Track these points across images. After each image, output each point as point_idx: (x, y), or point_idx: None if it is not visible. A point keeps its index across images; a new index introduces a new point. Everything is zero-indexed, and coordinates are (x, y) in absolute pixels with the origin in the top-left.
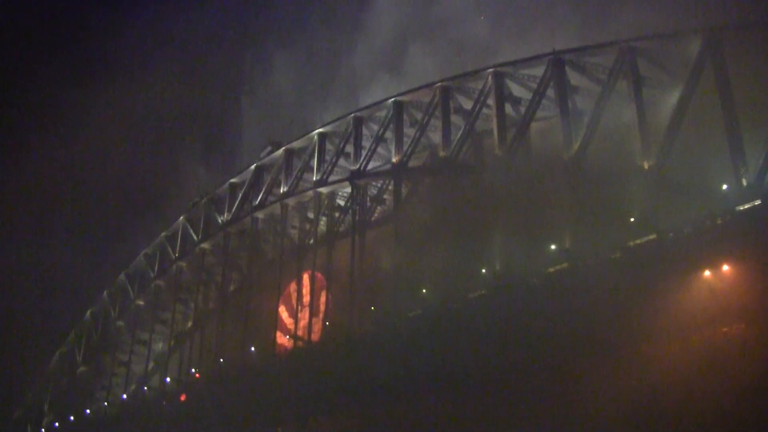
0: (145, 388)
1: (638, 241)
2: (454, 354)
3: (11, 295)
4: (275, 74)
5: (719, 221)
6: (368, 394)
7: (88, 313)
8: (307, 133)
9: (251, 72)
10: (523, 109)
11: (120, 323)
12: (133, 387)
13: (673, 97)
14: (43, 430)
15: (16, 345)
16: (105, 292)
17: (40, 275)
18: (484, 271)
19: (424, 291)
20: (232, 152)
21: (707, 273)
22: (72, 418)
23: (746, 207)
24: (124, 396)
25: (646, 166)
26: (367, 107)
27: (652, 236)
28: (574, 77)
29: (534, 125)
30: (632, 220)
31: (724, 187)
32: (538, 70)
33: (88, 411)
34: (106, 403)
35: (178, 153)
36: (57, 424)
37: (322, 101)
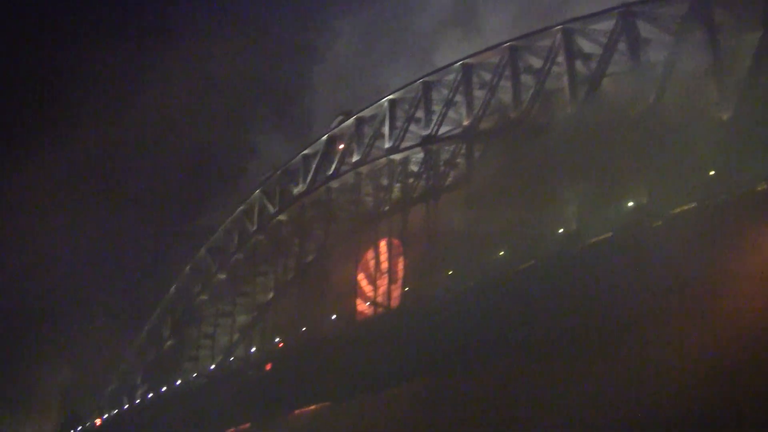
0: (231, 358)
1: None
2: (534, 317)
3: (100, 274)
4: (344, 40)
5: None
6: (449, 360)
7: (173, 288)
8: (377, 100)
9: (320, 39)
10: (593, 65)
11: (203, 297)
12: (219, 358)
13: (750, 45)
14: (137, 400)
15: (108, 322)
16: (187, 268)
17: (125, 255)
18: (561, 231)
19: (501, 253)
20: (305, 123)
21: None
22: (163, 388)
23: None
24: (212, 367)
25: (723, 118)
26: (435, 71)
27: (731, 191)
28: (645, 29)
29: (606, 81)
30: (712, 173)
31: None
32: (608, 24)
33: (178, 382)
34: (194, 374)
35: (251, 125)
36: (150, 394)
37: (393, 65)
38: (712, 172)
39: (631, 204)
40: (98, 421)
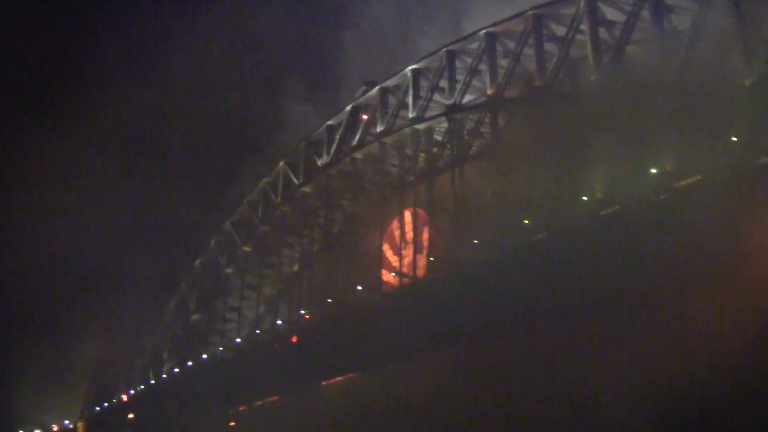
0: (258, 331)
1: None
2: (560, 284)
3: (129, 255)
4: (375, 6)
5: None
6: (475, 329)
7: (198, 262)
8: (401, 70)
9: (351, 5)
10: (618, 33)
11: (229, 270)
12: (246, 331)
13: None
14: (164, 375)
15: (135, 296)
16: (212, 241)
17: (153, 234)
18: (585, 198)
19: (525, 222)
20: (334, 91)
21: None
22: (190, 363)
23: None
24: (238, 340)
25: (747, 83)
26: (458, 40)
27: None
28: None
29: (630, 48)
30: (734, 139)
31: None
32: None
33: (204, 356)
34: (221, 348)
35: (279, 94)
36: (177, 369)
37: (423, 32)
38: (734, 138)
39: (656, 171)
40: (125, 397)
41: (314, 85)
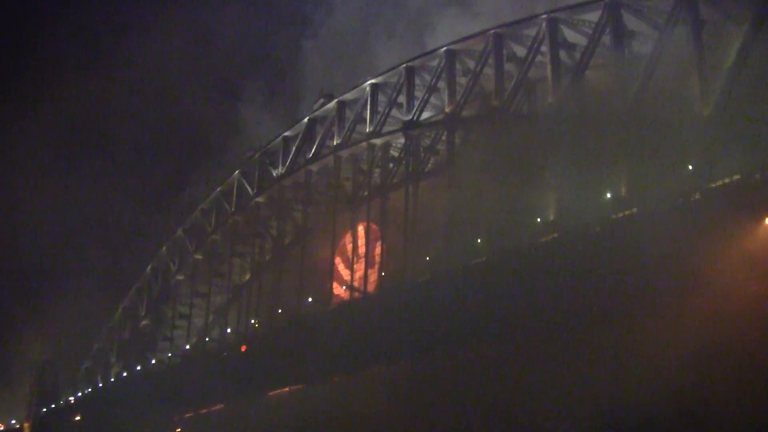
0: (207, 339)
1: (698, 189)
2: (509, 303)
3: (76, 253)
4: (339, 16)
5: None
6: (423, 344)
7: (149, 268)
8: (359, 84)
9: (316, 12)
10: (578, 56)
11: (179, 277)
12: (194, 338)
13: (735, 43)
14: (112, 379)
15: (84, 300)
16: (164, 247)
17: (100, 233)
18: (539, 220)
19: (478, 240)
20: (293, 100)
21: None
22: (138, 367)
23: None
24: (187, 347)
25: (705, 113)
26: (418, 57)
27: (711, 185)
28: (631, 22)
29: (589, 72)
30: (690, 167)
31: None
32: (594, 16)
33: (152, 361)
34: (169, 354)
35: (237, 99)
36: (124, 373)
37: (386, 44)
38: (690, 167)
39: (610, 195)
40: (72, 399)
41: (273, 94)
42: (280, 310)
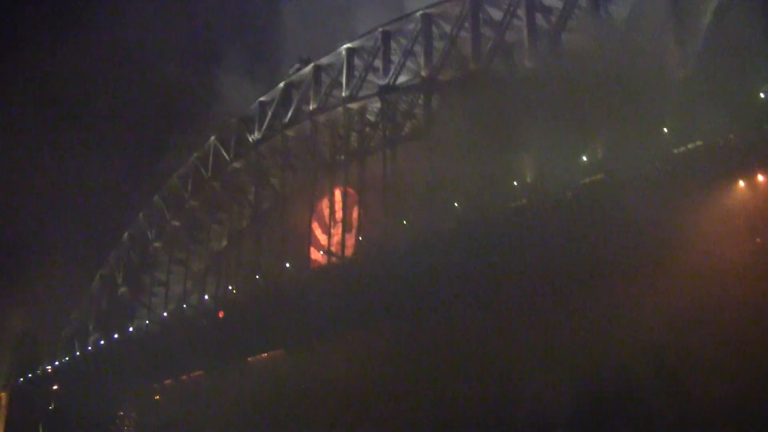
0: (185, 306)
1: (674, 151)
2: (487, 268)
3: (53, 220)
4: None
5: (753, 131)
6: (401, 309)
7: (126, 235)
8: (335, 48)
9: None
10: (554, 19)
11: (157, 244)
12: (172, 305)
13: (711, 4)
14: (89, 348)
15: (61, 267)
16: (141, 214)
17: (78, 199)
18: (515, 183)
19: (455, 204)
20: (272, 65)
21: (742, 183)
22: (116, 335)
23: None
24: (165, 314)
25: (681, 75)
26: (394, 21)
27: (687, 147)
28: None
29: (566, 36)
30: (665, 131)
31: (762, 95)
32: None
33: (131, 329)
34: (147, 322)
35: (215, 65)
36: (102, 341)
37: (366, 6)
38: (665, 129)
39: (586, 158)
40: (49, 368)
41: (252, 58)
42: (258, 276)
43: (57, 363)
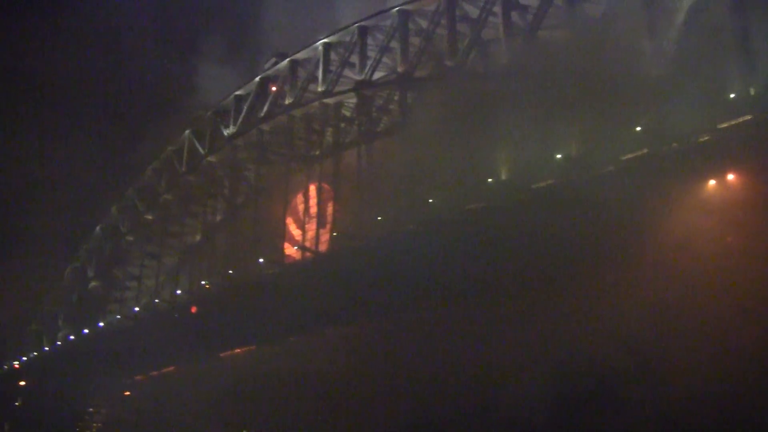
0: (157, 300)
1: (644, 151)
2: (461, 264)
3: (23, 212)
4: None
5: (723, 130)
6: (375, 305)
7: (98, 228)
8: (312, 43)
9: None
10: (530, 17)
11: (130, 238)
12: (144, 300)
13: (684, 5)
14: (59, 342)
15: (31, 260)
16: (114, 207)
17: (49, 191)
18: (490, 180)
19: (430, 201)
20: (251, 58)
21: (713, 183)
22: (86, 331)
23: (749, 118)
24: (136, 309)
25: (654, 74)
26: (371, 16)
27: (659, 146)
28: None
29: (542, 33)
30: (638, 129)
31: (732, 96)
32: None
33: (101, 324)
34: (118, 316)
35: (194, 56)
36: (72, 336)
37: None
38: (638, 128)
39: (560, 156)
40: (16, 364)
41: (230, 49)
42: (231, 271)
43: (24, 358)
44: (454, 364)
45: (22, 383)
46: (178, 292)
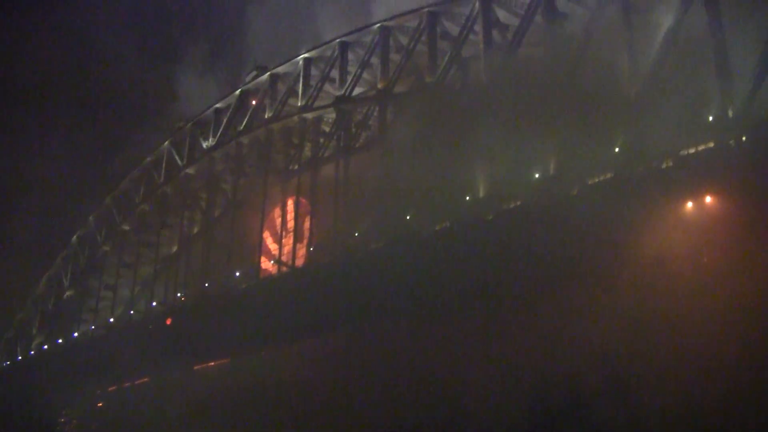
0: (132, 311)
1: (622, 171)
2: (435, 279)
3: None
4: None
5: (701, 151)
6: (350, 318)
7: (75, 237)
8: (293, 57)
9: None
10: (510, 36)
11: (106, 248)
12: (119, 310)
13: (663, 26)
14: (32, 352)
15: (6, 269)
16: (91, 217)
17: (26, 199)
18: (468, 198)
19: (408, 217)
20: (235, 70)
21: (690, 204)
22: (60, 340)
23: (729, 141)
24: (111, 319)
25: (632, 95)
26: (352, 32)
27: (637, 166)
28: (563, 4)
29: (522, 52)
30: (617, 149)
31: (710, 118)
32: None
33: (75, 333)
34: (93, 326)
35: (177, 66)
36: (46, 346)
37: (334, 12)
38: (617, 149)
39: (538, 175)
40: None
41: (215, 59)
42: (207, 284)
43: None
44: (429, 377)
45: None
46: (154, 303)
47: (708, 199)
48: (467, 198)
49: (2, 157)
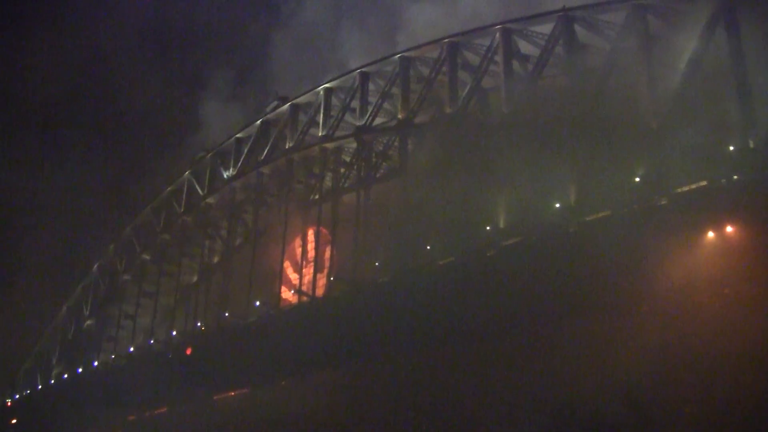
0: (152, 340)
1: (646, 202)
2: (457, 309)
3: (20, 249)
4: (309, 6)
5: (723, 183)
6: (369, 349)
7: (95, 266)
8: (314, 88)
9: (285, 3)
10: (531, 67)
11: (126, 277)
12: (139, 339)
13: (684, 57)
14: (52, 381)
15: (26, 298)
16: (111, 246)
17: (47, 230)
18: (488, 228)
19: (428, 247)
20: (259, 98)
21: (711, 234)
22: (80, 370)
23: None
24: (131, 348)
25: (654, 125)
26: (373, 63)
27: (659, 197)
28: (583, 35)
29: (542, 83)
30: (637, 180)
31: (731, 148)
32: (547, 28)
33: (95, 363)
34: (113, 356)
35: (202, 94)
36: (66, 375)
37: (358, 41)
38: (637, 179)
39: (558, 205)
40: (9, 402)
41: (239, 86)
42: (227, 313)
43: (17, 396)
44: (449, 409)
45: (14, 421)
46: (174, 332)
47: (729, 229)
48: (487, 228)
49: (23, 184)
